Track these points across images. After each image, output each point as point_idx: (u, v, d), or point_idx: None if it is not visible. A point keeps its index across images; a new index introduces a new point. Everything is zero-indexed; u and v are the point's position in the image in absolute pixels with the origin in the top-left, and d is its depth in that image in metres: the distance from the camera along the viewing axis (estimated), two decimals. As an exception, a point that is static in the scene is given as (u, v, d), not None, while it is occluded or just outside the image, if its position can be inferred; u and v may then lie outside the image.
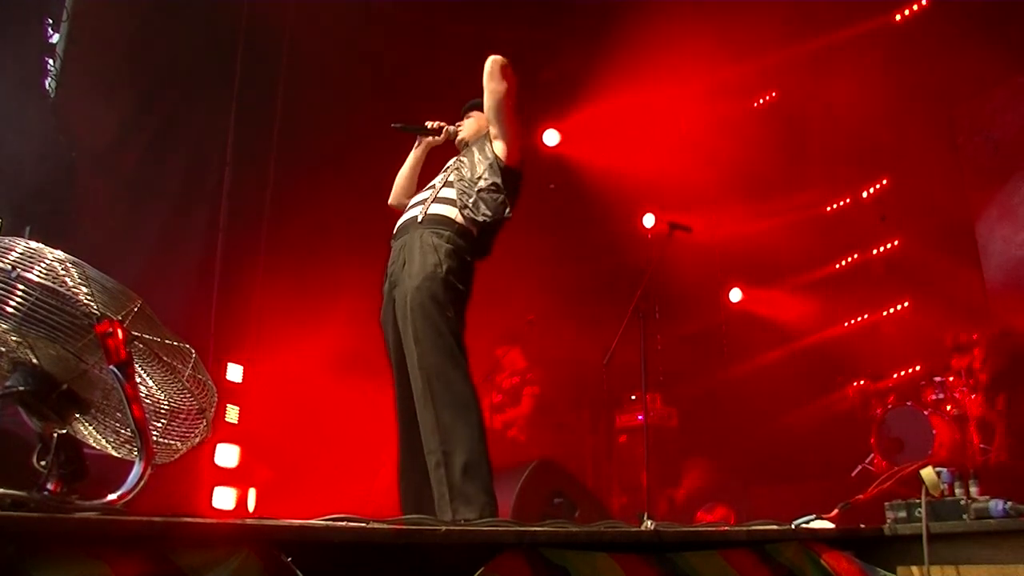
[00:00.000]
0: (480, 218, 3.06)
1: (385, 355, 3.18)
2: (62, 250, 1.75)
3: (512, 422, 6.43)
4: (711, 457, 7.30)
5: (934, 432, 5.89)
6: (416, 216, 3.11)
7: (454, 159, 3.36)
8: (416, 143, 3.51)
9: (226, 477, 5.35)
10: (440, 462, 2.73)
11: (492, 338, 6.53)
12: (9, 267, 1.65)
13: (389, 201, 3.53)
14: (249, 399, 5.61)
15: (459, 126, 3.43)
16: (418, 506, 2.89)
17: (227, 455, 5.38)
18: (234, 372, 5.59)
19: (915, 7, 7.38)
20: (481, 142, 3.26)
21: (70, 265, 1.72)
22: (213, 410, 1.96)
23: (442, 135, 3.43)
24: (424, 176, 3.50)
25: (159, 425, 1.88)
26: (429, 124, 3.43)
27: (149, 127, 5.32)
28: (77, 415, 1.87)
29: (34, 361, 1.77)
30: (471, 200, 3.07)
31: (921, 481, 2.42)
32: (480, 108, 3.32)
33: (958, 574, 2.26)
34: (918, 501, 2.40)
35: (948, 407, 6.08)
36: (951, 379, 6.18)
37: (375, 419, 5.91)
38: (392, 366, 3.12)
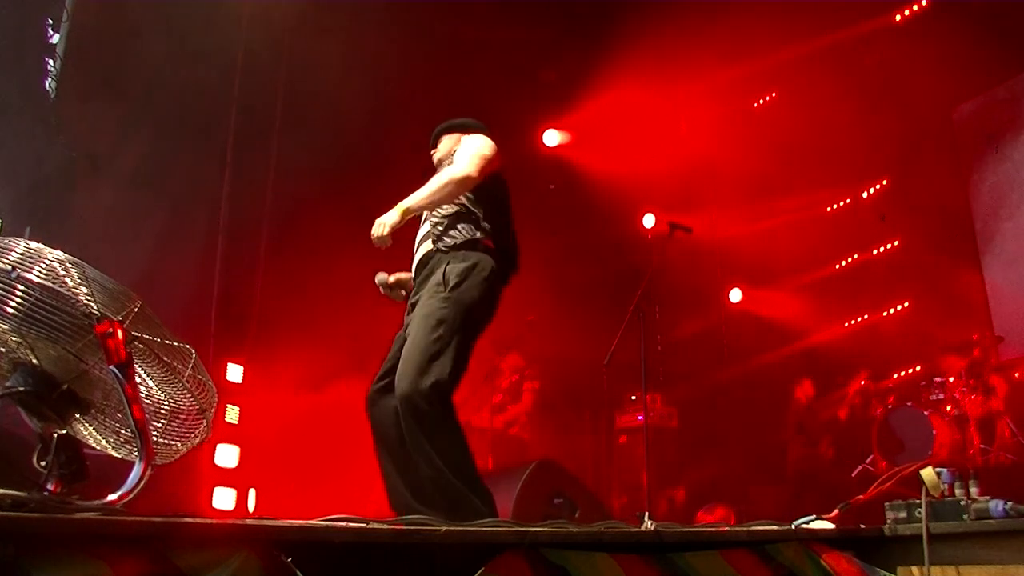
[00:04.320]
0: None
1: (386, 354, 3.17)
2: (62, 250, 1.75)
3: (514, 420, 6.43)
4: (711, 457, 7.30)
5: (934, 432, 5.89)
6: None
7: None
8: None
9: (226, 477, 5.34)
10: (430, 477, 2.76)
11: (490, 342, 6.53)
12: (9, 267, 1.65)
13: None
14: (249, 399, 5.60)
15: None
16: (408, 504, 2.88)
17: (227, 455, 5.37)
18: (234, 372, 5.58)
19: (915, 7, 7.38)
20: None
21: (70, 265, 1.72)
22: (213, 410, 1.96)
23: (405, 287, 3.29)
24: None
25: (159, 425, 1.88)
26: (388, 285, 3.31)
27: (149, 127, 5.31)
28: (77, 415, 1.87)
29: (34, 361, 1.77)
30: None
31: (921, 481, 2.42)
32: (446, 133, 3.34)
33: (958, 574, 2.26)
34: (918, 501, 2.40)
35: (948, 407, 6.08)
36: (951, 379, 6.18)
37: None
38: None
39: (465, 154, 3.10)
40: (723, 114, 8.33)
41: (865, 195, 8.30)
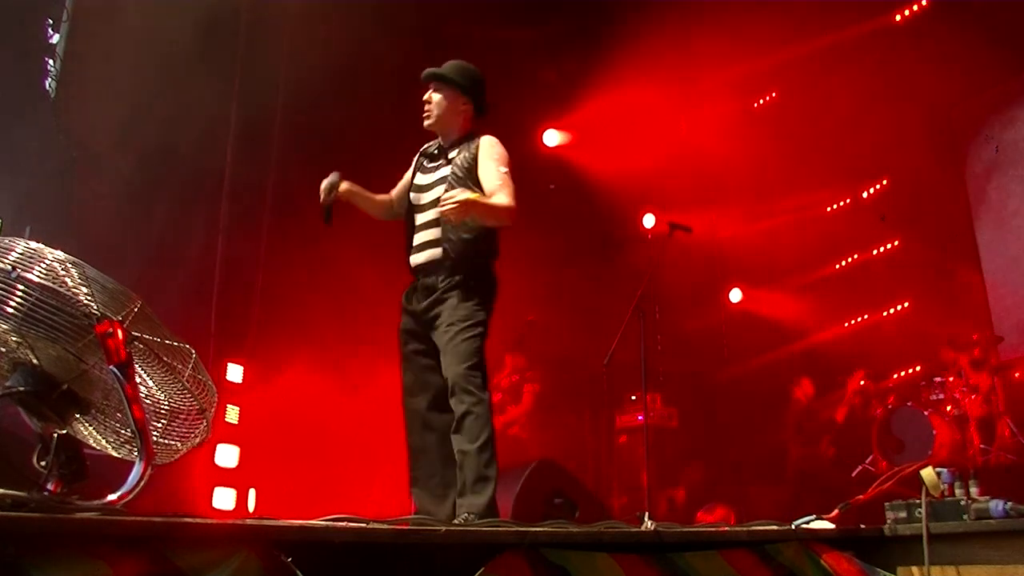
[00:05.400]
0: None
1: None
2: (62, 250, 1.75)
3: (514, 420, 6.43)
4: (711, 457, 7.30)
5: (934, 432, 5.89)
6: None
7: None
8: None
9: (226, 477, 5.34)
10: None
11: (499, 341, 6.53)
12: (9, 267, 1.65)
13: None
14: (249, 399, 5.60)
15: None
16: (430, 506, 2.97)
17: (227, 455, 5.37)
18: (234, 372, 5.58)
19: (915, 7, 7.38)
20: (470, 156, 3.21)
21: (70, 265, 1.72)
22: (213, 410, 1.96)
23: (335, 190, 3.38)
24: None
25: (159, 425, 1.88)
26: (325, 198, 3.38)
27: (149, 127, 5.31)
28: (77, 415, 1.87)
29: (34, 361, 1.77)
30: None
31: (921, 481, 2.42)
32: (440, 79, 3.39)
33: (958, 574, 2.26)
34: (918, 501, 2.40)
35: (948, 407, 6.08)
36: (951, 379, 6.19)
37: (375, 419, 5.92)
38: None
39: (503, 183, 3.08)
40: (723, 114, 8.33)
41: (865, 195, 8.30)
